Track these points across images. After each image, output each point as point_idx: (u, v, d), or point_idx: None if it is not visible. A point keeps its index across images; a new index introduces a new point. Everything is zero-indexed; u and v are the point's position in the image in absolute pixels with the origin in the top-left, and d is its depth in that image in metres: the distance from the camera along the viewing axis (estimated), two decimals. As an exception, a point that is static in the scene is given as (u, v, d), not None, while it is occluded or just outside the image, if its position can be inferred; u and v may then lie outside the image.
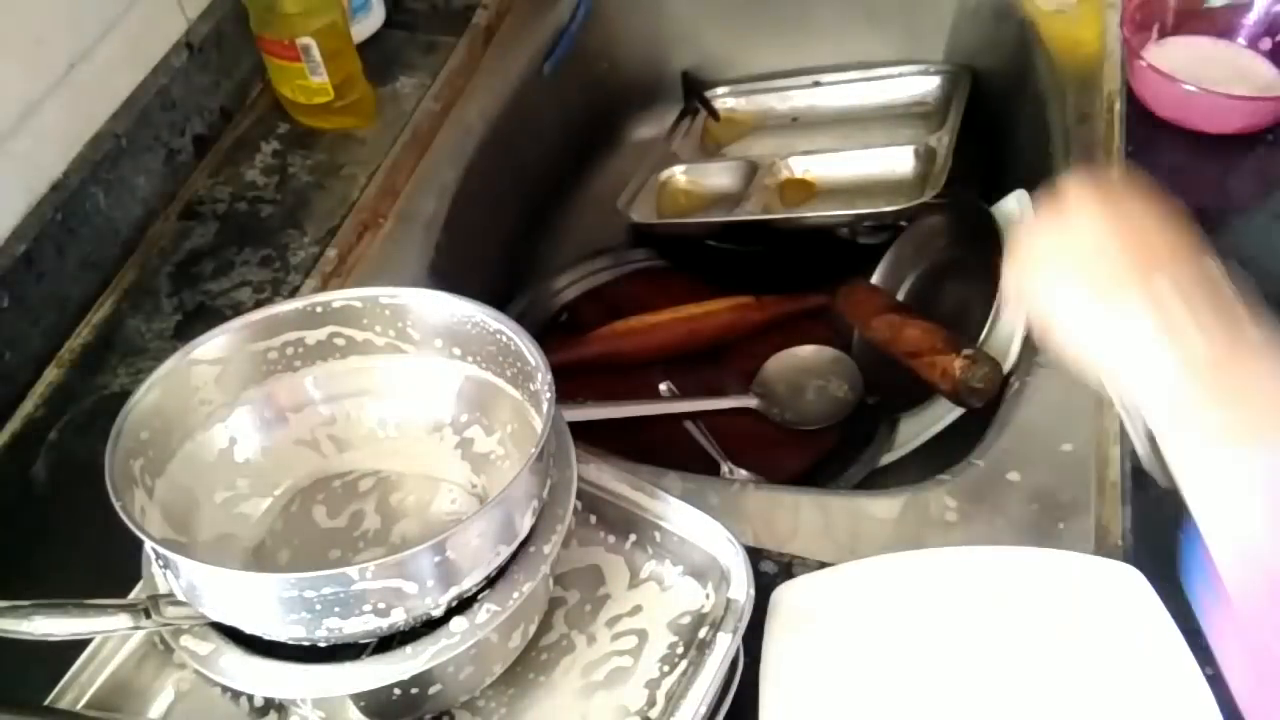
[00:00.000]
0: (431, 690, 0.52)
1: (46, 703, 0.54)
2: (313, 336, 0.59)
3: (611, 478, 0.59)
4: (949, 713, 0.55)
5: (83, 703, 0.54)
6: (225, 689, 0.50)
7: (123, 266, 0.81)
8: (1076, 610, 0.57)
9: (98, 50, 0.78)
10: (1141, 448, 0.48)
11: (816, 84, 1.15)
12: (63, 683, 0.54)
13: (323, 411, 0.60)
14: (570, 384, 0.57)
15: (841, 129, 1.12)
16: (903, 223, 0.96)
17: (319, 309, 0.58)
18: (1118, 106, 0.89)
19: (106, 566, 0.54)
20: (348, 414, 0.61)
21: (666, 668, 0.56)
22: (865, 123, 1.12)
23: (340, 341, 0.59)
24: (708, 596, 0.58)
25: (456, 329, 0.58)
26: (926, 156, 1.00)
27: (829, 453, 0.87)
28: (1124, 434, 0.67)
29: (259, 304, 0.77)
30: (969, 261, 0.90)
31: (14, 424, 0.71)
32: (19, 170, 0.73)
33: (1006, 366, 0.76)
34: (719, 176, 1.09)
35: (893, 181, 1.01)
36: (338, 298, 0.58)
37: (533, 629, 0.56)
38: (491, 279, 0.99)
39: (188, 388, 0.56)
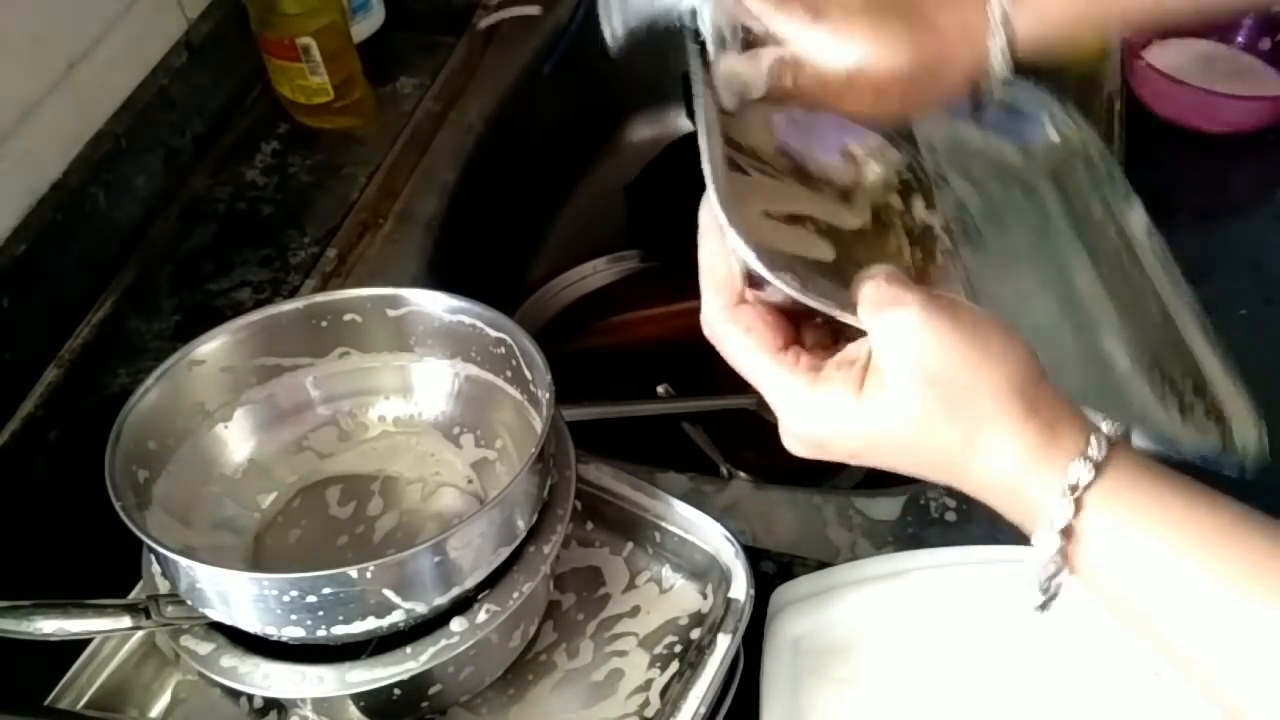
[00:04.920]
0: (431, 690, 0.52)
1: (46, 703, 0.54)
2: (324, 362, 0.60)
3: (611, 478, 0.60)
4: (949, 713, 0.55)
5: (83, 703, 0.54)
6: (225, 689, 0.50)
7: (123, 266, 0.81)
8: (1076, 610, 0.57)
9: (98, 50, 0.78)
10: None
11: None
12: (63, 683, 0.54)
13: (322, 412, 0.60)
14: (570, 384, 0.57)
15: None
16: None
17: (324, 322, 0.59)
18: (1118, 106, 0.89)
19: (106, 566, 0.54)
20: (348, 414, 0.61)
21: (666, 669, 0.56)
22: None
23: (349, 361, 0.60)
24: (706, 597, 0.58)
25: (456, 329, 0.58)
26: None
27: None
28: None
29: (259, 304, 0.77)
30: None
31: (14, 424, 0.71)
32: (19, 170, 0.73)
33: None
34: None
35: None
36: (338, 298, 0.58)
37: (532, 629, 0.56)
38: (491, 279, 0.99)
39: (188, 388, 0.56)
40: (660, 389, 0.92)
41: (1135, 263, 0.62)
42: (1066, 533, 0.40)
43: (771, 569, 0.62)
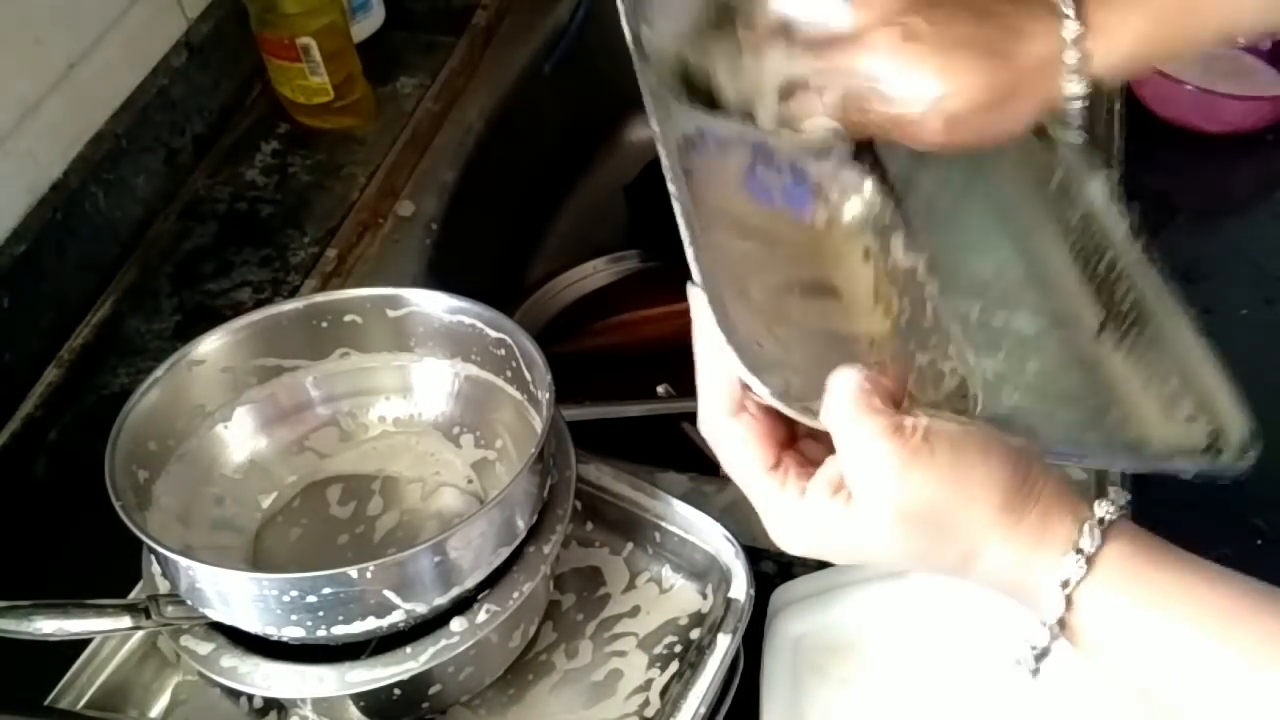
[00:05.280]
0: (431, 690, 0.52)
1: (46, 703, 0.54)
2: (324, 362, 0.60)
3: (611, 478, 0.60)
4: (949, 713, 0.55)
5: (83, 703, 0.54)
6: (225, 689, 0.50)
7: (123, 266, 0.81)
8: None
9: (98, 50, 0.78)
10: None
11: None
12: (63, 683, 0.54)
13: (322, 412, 0.60)
14: (570, 384, 0.57)
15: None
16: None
17: (324, 322, 0.59)
18: (1118, 106, 0.89)
19: (106, 566, 0.54)
20: (348, 414, 0.61)
21: (666, 669, 0.56)
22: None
23: (349, 361, 0.60)
24: (706, 597, 0.58)
25: (456, 329, 0.58)
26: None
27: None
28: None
29: (259, 304, 0.77)
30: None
31: (14, 424, 0.71)
32: (19, 170, 0.73)
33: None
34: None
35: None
36: (338, 298, 0.58)
37: (533, 629, 0.56)
38: (491, 279, 0.99)
39: (188, 388, 0.56)
40: (660, 389, 0.92)
41: (1105, 239, 0.61)
42: (1061, 623, 0.41)
43: (771, 569, 0.62)
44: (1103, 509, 0.41)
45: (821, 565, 0.62)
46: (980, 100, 0.50)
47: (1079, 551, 0.40)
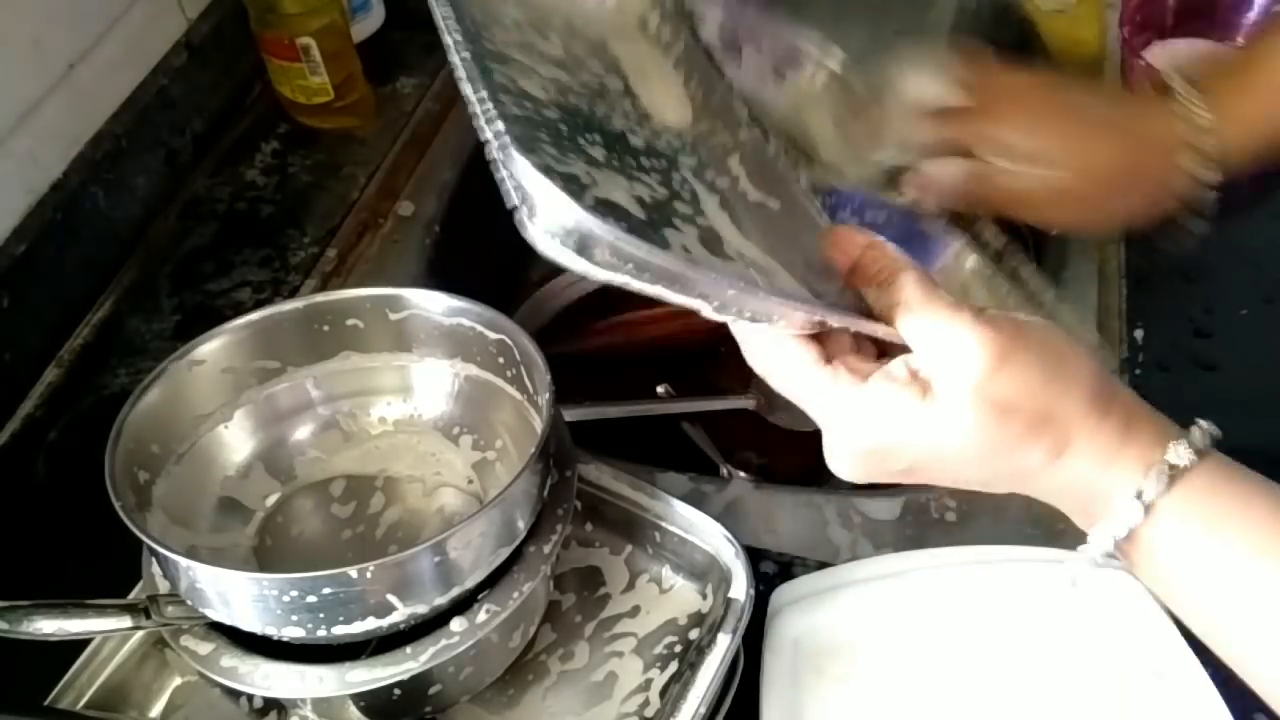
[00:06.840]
0: (431, 690, 0.52)
1: (46, 703, 0.54)
2: (324, 363, 0.60)
3: (611, 478, 0.60)
4: (948, 713, 0.55)
5: (83, 703, 0.54)
6: (225, 689, 0.50)
7: (123, 266, 0.81)
8: (1075, 611, 0.57)
9: (98, 50, 0.78)
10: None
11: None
12: (63, 683, 0.54)
13: (323, 412, 0.61)
14: (570, 384, 0.57)
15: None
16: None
17: (324, 322, 0.59)
18: (1117, 107, 0.89)
19: (106, 566, 0.54)
20: (348, 414, 0.61)
21: (665, 669, 0.56)
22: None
23: (349, 362, 0.60)
24: (706, 597, 0.58)
25: (456, 329, 0.58)
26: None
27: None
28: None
29: (259, 304, 0.77)
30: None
31: (14, 424, 0.71)
32: (19, 170, 0.73)
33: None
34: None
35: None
36: (339, 298, 0.58)
37: (533, 629, 0.56)
38: (491, 279, 0.99)
39: (188, 388, 0.56)
40: (660, 389, 0.92)
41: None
42: (1129, 537, 0.39)
43: (771, 569, 0.62)
44: (1198, 433, 0.40)
45: (821, 565, 0.62)
46: (1104, 176, 0.51)
47: (1165, 464, 0.39)
